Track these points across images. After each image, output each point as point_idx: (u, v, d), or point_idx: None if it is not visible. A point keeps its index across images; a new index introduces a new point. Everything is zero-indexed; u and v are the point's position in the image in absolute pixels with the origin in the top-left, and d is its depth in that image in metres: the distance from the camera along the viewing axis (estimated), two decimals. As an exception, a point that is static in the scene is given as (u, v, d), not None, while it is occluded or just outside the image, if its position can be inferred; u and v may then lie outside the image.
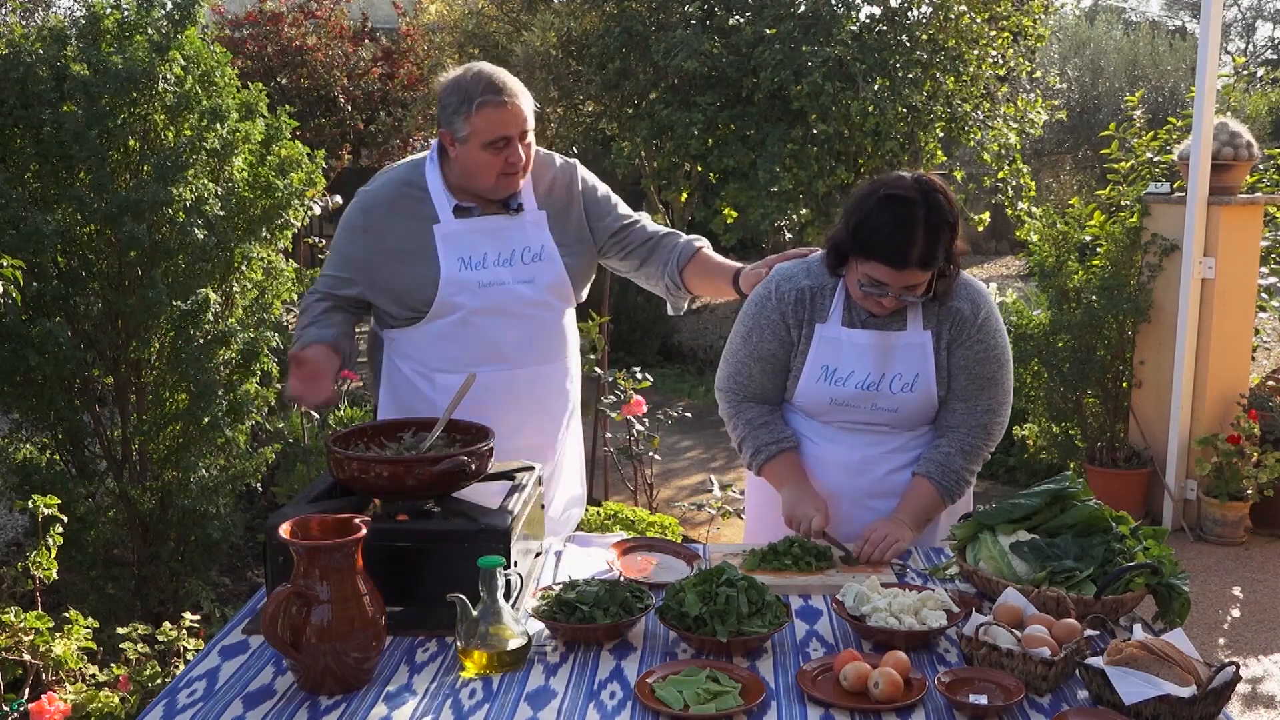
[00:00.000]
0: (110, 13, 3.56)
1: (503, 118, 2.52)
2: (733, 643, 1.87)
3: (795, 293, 2.45)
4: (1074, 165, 15.95)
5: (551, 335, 2.73)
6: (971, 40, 7.73)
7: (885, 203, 2.27)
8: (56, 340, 3.34)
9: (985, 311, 2.42)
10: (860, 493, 2.49)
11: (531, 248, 2.67)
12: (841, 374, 2.42)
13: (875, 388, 2.41)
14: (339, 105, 12.50)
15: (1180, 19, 28.56)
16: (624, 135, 8.05)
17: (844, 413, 2.47)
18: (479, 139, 2.53)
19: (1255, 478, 5.32)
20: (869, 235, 2.27)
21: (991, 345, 2.42)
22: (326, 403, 2.53)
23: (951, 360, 2.42)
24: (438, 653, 1.93)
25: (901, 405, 2.43)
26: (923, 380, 2.41)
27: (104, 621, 3.38)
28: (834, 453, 2.50)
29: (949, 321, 2.40)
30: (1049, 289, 5.81)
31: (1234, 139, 5.42)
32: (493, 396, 2.57)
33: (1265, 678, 4.12)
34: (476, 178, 2.59)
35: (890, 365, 2.40)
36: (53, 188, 3.49)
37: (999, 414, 2.47)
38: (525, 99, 2.58)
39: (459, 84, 2.55)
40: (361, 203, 2.66)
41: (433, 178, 2.63)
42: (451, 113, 2.55)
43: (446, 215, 2.60)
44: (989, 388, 2.44)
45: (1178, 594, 2.05)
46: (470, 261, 2.60)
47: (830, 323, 2.43)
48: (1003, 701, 1.70)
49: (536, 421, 2.73)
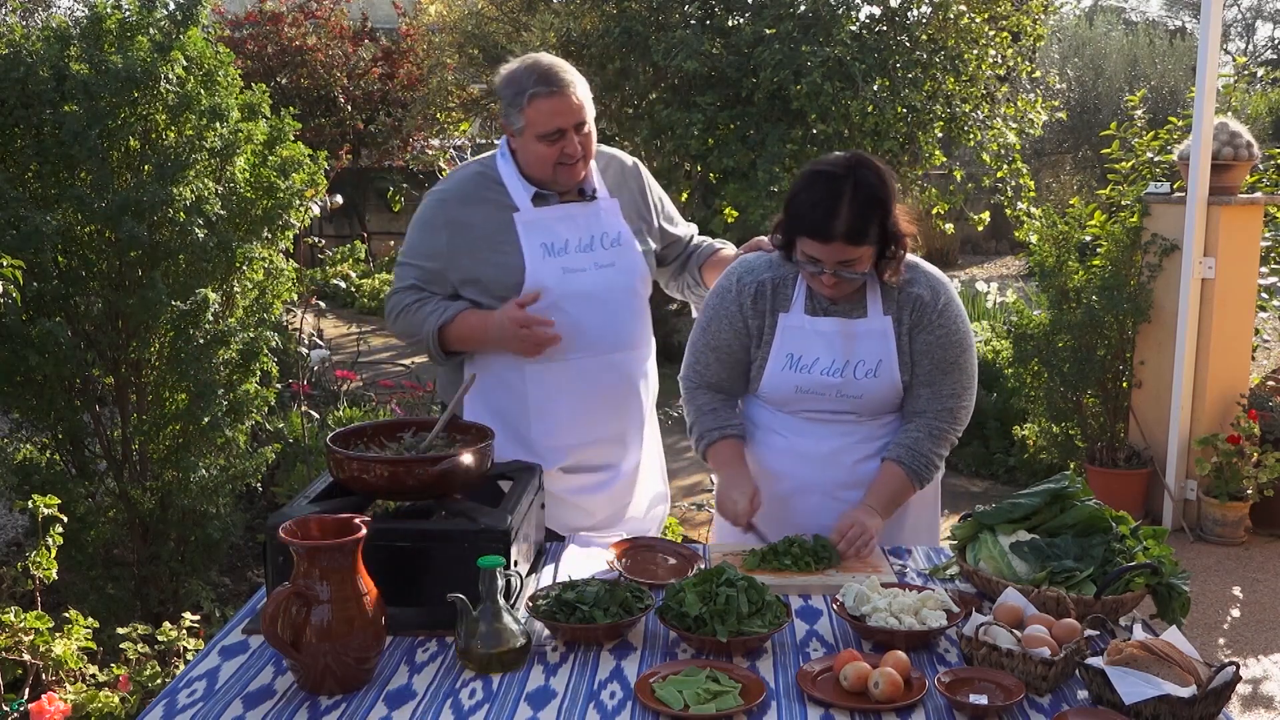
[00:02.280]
0: (112, 13, 3.56)
1: (555, 108, 2.53)
2: (733, 643, 1.87)
3: (755, 285, 2.48)
4: (1074, 165, 15.96)
5: (635, 320, 2.74)
6: (971, 40, 7.72)
7: (812, 178, 2.34)
8: (56, 340, 3.33)
9: (945, 298, 2.46)
10: (832, 484, 2.51)
11: (609, 233, 2.69)
12: (807, 361, 2.45)
13: (840, 374, 2.44)
14: (339, 105, 12.50)
15: (1180, 19, 28.57)
16: (624, 135, 8.05)
17: (810, 401, 2.49)
18: (533, 131, 2.55)
19: (1255, 478, 5.32)
20: (797, 210, 2.34)
21: (953, 330, 2.45)
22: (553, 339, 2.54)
23: (914, 346, 2.45)
24: (438, 653, 1.93)
25: (866, 391, 2.45)
26: (886, 366, 2.44)
27: (104, 621, 3.38)
28: (803, 445, 2.52)
29: (909, 307, 2.44)
30: (1049, 289, 5.81)
31: (1234, 139, 5.42)
32: (579, 384, 2.62)
33: (1265, 678, 4.12)
34: (534, 168, 2.61)
35: (854, 351, 2.44)
36: (53, 188, 3.48)
37: (964, 398, 2.50)
38: (581, 88, 2.59)
39: (513, 76, 2.58)
40: (438, 198, 2.67)
41: (506, 170, 2.66)
42: (507, 105, 2.58)
43: (525, 204, 2.62)
44: (952, 372, 2.47)
45: (1178, 594, 2.05)
46: (553, 248, 2.62)
47: (793, 311, 2.46)
48: (1003, 701, 1.70)
49: (617, 408, 2.74)
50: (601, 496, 2.76)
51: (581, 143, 2.58)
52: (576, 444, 2.68)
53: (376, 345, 10.04)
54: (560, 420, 2.65)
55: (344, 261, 4.95)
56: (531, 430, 2.63)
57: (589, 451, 2.71)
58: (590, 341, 2.63)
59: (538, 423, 2.64)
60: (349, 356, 8.43)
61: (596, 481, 2.74)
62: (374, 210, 15.64)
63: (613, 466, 2.77)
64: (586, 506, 2.73)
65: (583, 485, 2.71)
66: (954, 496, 6.17)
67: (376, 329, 10.46)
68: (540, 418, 2.64)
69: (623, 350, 2.71)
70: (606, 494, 2.77)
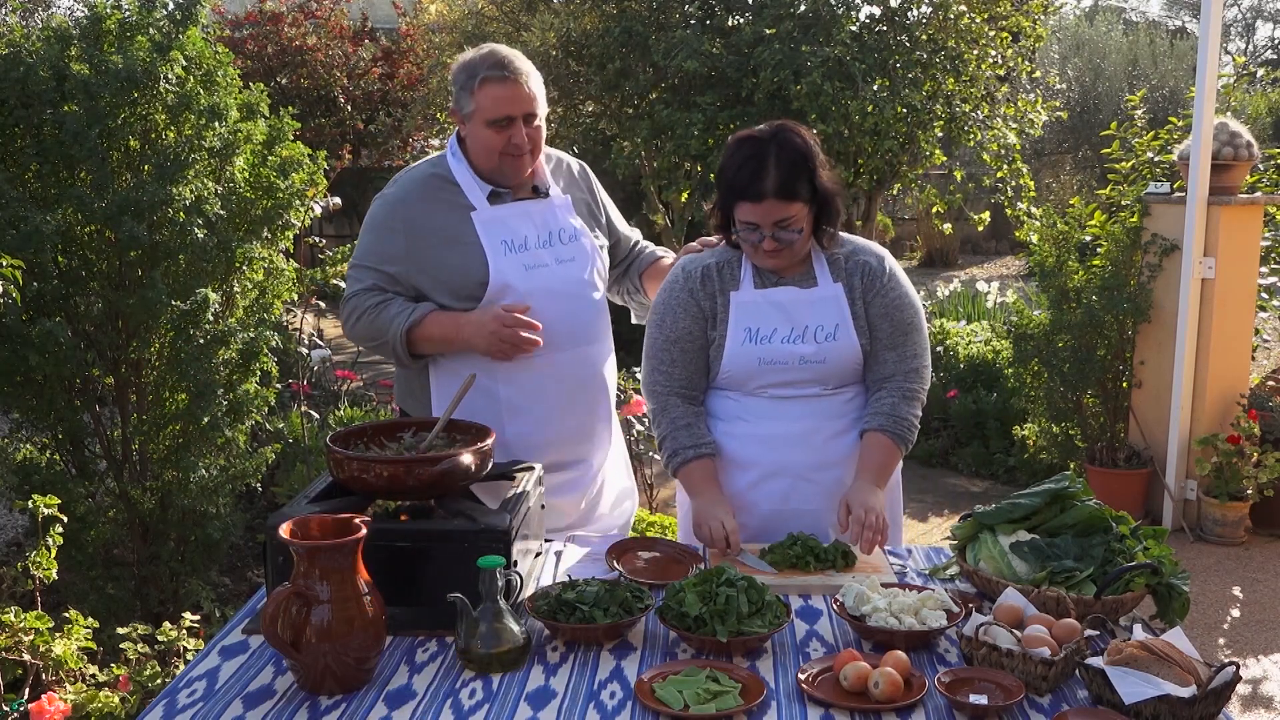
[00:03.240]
0: (112, 13, 3.57)
1: (506, 94, 2.54)
2: (733, 643, 1.87)
3: (701, 269, 2.53)
4: (1074, 165, 15.96)
5: (595, 316, 2.74)
6: (971, 40, 7.73)
7: (738, 144, 2.42)
8: (56, 340, 3.33)
9: (890, 263, 2.56)
10: (804, 467, 2.50)
11: (565, 229, 2.70)
12: (765, 332, 2.48)
13: (800, 340, 2.47)
14: (339, 105, 12.50)
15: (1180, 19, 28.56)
16: (624, 135, 8.05)
17: (773, 374, 2.49)
18: (482, 115, 2.55)
19: (1255, 478, 5.32)
20: (727, 178, 2.41)
21: (904, 293, 2.54)
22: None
23: (870, 311, 2.51)
24: (438, 653, 1.93)
25: (828, 356, 2.48)
26: (844, 329, 2.48)
27: (104, 621, 3.39)
28: (772, 428, 2.51)
29: (858, 273, 2.51)
30: (1049, 289, 5.81)
31: (1234, 139, 5.42)
32: (549, 380, 2.63)
33: (1265, 678, 4.12)
34: (480, 157, 2.61)
35: (810, 317, 2.48)
36: (53, 188, 3.48)
37: (925, 358, 2.57)
38: (534, 80, 2.59)
39: (468, 62, 2.59)
40: (392, 201, 2.64)
41: (459, 168, 2.65)
42: (459, 89, 2.58)
43: (482, 202, 2.62)
44: (911, 333, 2.54)
45: (1178, 594, 2.05)
46: (513, 244, 2.62)
47: (744, 288, 2.50)
48: (1003, 701, 1.70)
49: (586, 404, 2.74)
50: (573, 496, 2.75)
51: (530, 135, 2.58)
52: (550, 440, 2.67)
53: (376, 345, 10.03)
54: (534, 417, 2.64)
55: (344, 261, 4.94)
56: (506, 430, 2.60)
57: (562, 448, 2.70)
58: (558, 337, 2.62)
59: (511, 422, 2.62)
60: (349, 356, 8.43)
61: (567, 480, 2.73)
62: (374, 210, 15.61)
63: (582, 463, 2.76)
64: (559, 506, 2.70)
65: (556, 485, 2.69)
66: (954, 496, 6.18)
67: (376, 329, 10.44)
68: (514, 417, 2.63)
69: (589, 344, 2.71)
70: (578, 492, 2.76)
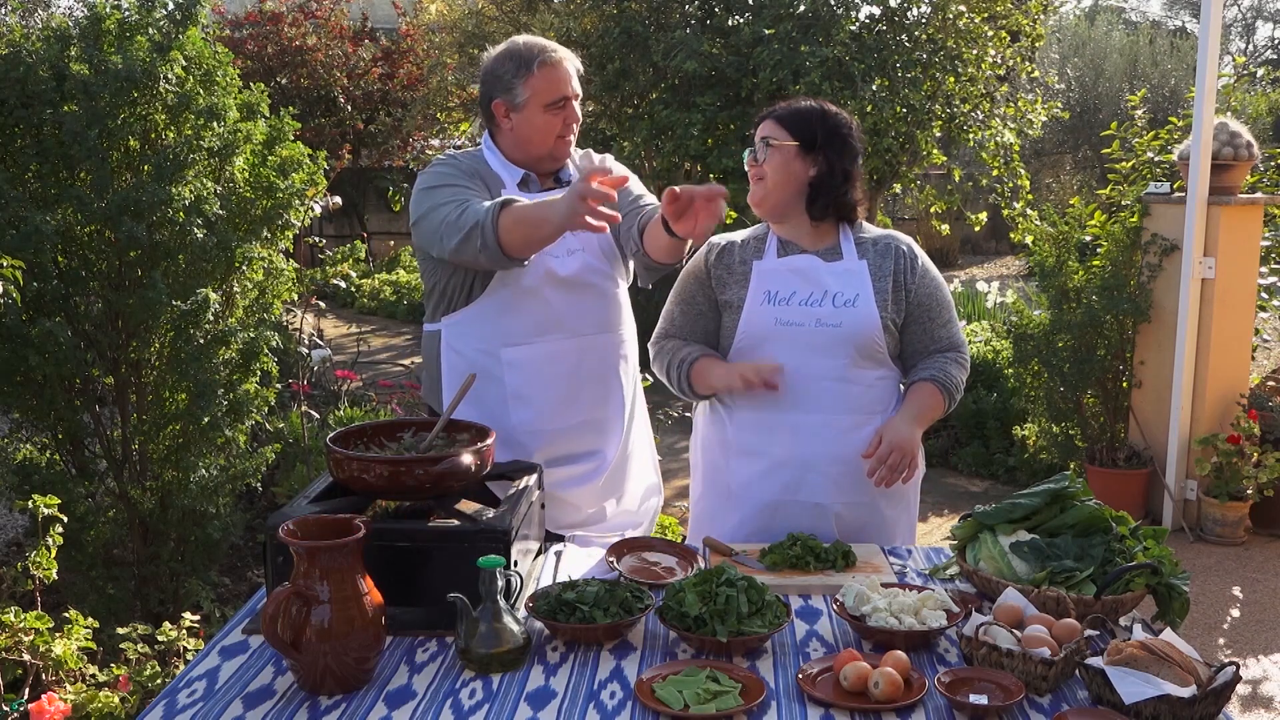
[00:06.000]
0: (112, 13, 3.57)
1: (560, 76, 2.60)
2: (733, 643, 1.87)
3: (724, 243, 2.65)
4: (1074, 165, 15.97)
5: (611, 303, 2.74)
6: (970, 40, 7.73)
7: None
8: (56, 340, 3.33)
9: (920, 250, 2.66)
10: (817, 458, 2.52)
11: None
12: (784, 295, 2.55)
13: (819, 304, 2.53)
14: (339, 105, 12.51)
15: (1180, 19, 28.58)
16: (624, 135, 8.06)
17: (789, 336, 2.53)
18: (540, 100, 2.59)
19: (1255, 478, 5.32)
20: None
21: (936, 277, 2.64)
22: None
23: (911, 296, 2.57)
24: (438, 653, 1.93)
25: (845, 320, 2.51)
26: (864, 300, 2.53)
27: (104, 621, 3.39)
28: (786, 418, 2.53)
29: (890, 255, 2.58)
30: (1049, 289, 5.82)
31: (1234, 139, 5.42)
32: (555, 368, 2.63)
33: (1265, 678, 4.12)
34: (533, 143, 2.63)
35: (831, 284, 2.54)
36: (53, 188, 3.49)
37: (963, 337, 2.68)
38: (573, 61, 2.67)
39: (512, 52, 2.63)
40: (438, 163, 2.67)
41: (493, 159, 2.69)
42: (510, 78, 2.60)
43: (512, 188, 2.65)
44: (948, 310, 2.64)
45: (1177, 594, 2.05)
46: None
47: (767, 258, 2.59)
48: (1003, 701, 1.70)
49: (602, 392, 2.74)
50: (588, 489, 2.74)
51: (577, 112, 2.66)
52: (555, 430, 2.66)
53: (376, 345, 10.04)
54: (538, 406, 2.64)
55: (344, 261, 4.95)
56: (510, 418, 2.61)
57: (569, 439, 2.69)
58: (564, 324, 2.63)
59: (516, 410, 2.62)
60: (349, 356, 8.44)
61: (582, 473, 2.72)
62: (374, 210, 15.65)
63: (596, 455, 2.75)
64: (573, 500, 2.71)
65: (569, 477, 2.68)
66: (954, 496, 6.18)
67: (376, 329, 10.46)
68: (518, 404, 2.63)
69: (598, 334, 2.71)
70: (593, 486, 2.75)
